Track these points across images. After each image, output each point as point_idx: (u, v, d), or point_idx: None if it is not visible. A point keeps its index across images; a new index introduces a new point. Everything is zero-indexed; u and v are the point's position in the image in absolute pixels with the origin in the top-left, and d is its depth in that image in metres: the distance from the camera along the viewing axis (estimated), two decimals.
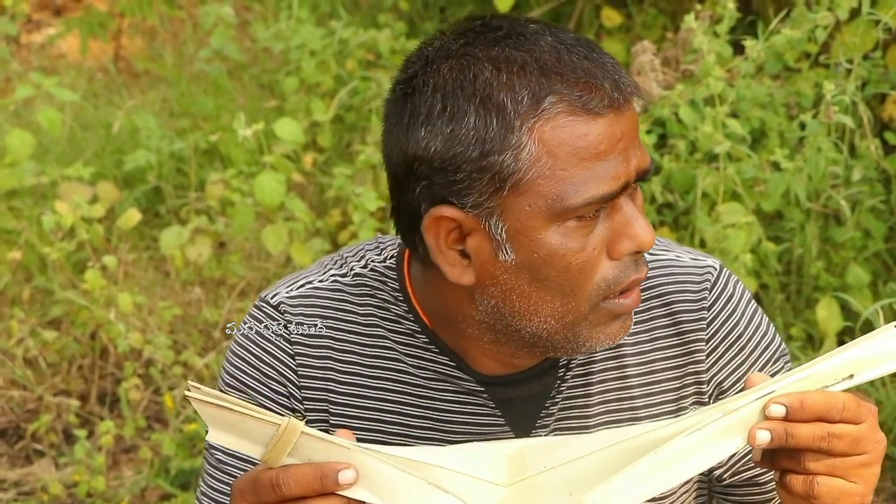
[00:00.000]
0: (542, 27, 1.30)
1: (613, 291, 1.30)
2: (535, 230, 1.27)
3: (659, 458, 1.17)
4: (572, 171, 1.25)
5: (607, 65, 1.27)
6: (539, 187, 1.25)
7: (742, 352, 1.47)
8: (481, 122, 1.25)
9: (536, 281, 1.29)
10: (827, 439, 1.18)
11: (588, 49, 1.28)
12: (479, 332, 1.36)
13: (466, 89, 1.25)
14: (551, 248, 1.27)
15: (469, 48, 1.28)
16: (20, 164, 3.36)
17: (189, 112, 4.05)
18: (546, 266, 1.28)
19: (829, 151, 2.73)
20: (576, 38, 1.29)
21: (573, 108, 1.24)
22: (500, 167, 1.25)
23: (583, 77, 1.25)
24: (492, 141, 1.25)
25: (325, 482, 1.17)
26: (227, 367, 1.48)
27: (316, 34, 3.73)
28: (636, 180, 1.29)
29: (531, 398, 1.44)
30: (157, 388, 3.15)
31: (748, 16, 3.33)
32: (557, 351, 1.34)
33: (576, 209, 1.25)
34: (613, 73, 1.27)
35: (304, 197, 3.57)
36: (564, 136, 1.24)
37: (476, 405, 1.43)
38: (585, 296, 1.29)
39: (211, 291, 3.42)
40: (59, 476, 2.98)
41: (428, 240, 1.31)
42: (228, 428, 1.18)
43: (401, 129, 1.30)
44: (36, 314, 3.37)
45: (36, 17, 5.27)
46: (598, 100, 1.25)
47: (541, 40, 1.27)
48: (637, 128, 1.30)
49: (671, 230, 2.98)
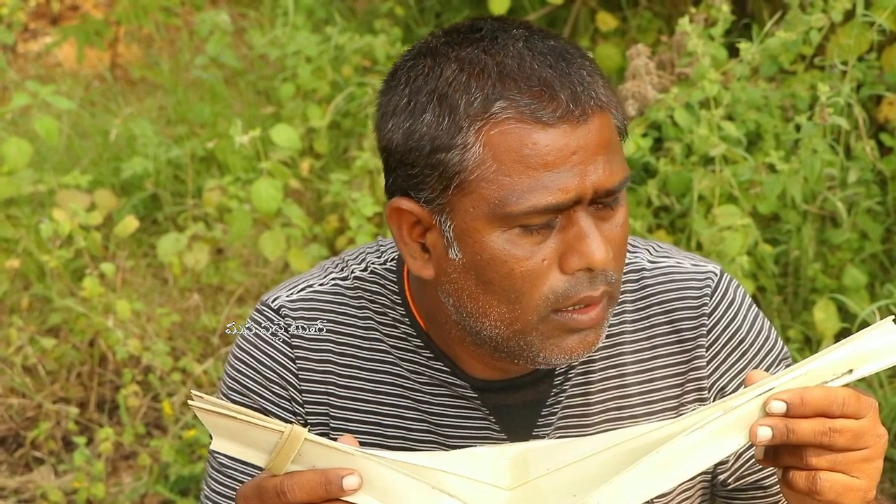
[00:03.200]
0: (523, 32, 1.30)
1: (564, 305, 1.29)
2: (478, 232, 1.28)
3: (661, 458, 1.18)
4: (516, 178, 1.25)
5: (574, 76, 1.26)
6: (482, 190, 1.26)
7: (744, 357, 1.47)
8: (434, 120, 1.27)
9: (482, 283, 1.30)
10: (828, 434, 1.18)
11: (558, 58, 1.27)
12: (459, 333, 1.37)
13: (430, 86, 1.28)
14: (494, 253, 1.27)
15: (446, 47, 1.30)
16: (18, 173, 3.35)
17: (186, 119, 4.06)
18: (489, 269, 1.28)
19: (825, 153, 2.74)
20: (554, 46, 1.28)
21: (522, 115, 1.24)
22: (447, 165, 1.27)
23: (537, 85, 1.25)
24: (441, 138, 1.26)
25: (330, 488, 1.17)
26: (229, 371, 1.49)
27: (312, 40, 3.73)
28: (598, 198, 1.27)
29: (525, 406, 1.44)
30: (155, 395, 3.16)
31: (743, 18, 3.34)
32: (516, 358, 1.34)
33: (517, 217, 1.26)
34: (577, 85, 1.26)
35: (302, 203, 3.57)
36: (511, 142, 1.25)
37: (469, 409, 1.44)
38: (532, 305, 1.29)
39: (209, 298, 3.42)
40: (58, 483, 2.98)
41: (392, 229, 1.34)
42: (232, 436, 1.18)
43: (379, 119, 1.34)
44: (35, 322, 3.38)
45: (32, 26, 5.27)
46: (551, 110, 1.25)
47: (511, 45, 1.27)
48: (605, 144, 1.27)
49: (667, 233, 2.99)
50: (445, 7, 4.22)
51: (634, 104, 2.90)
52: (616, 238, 1.30)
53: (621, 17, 3.86)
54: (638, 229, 2.81)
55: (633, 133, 2.86)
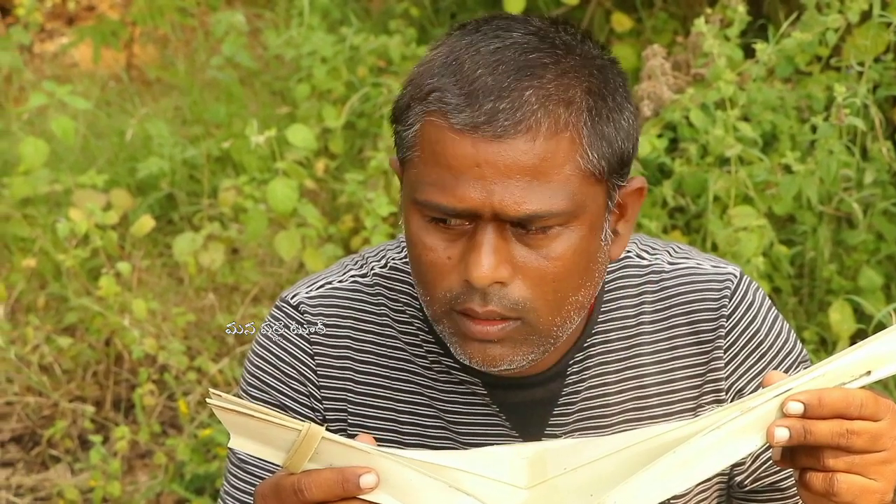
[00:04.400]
0: (515, 36, 1.28)
1: (457, 308, 1.30)
2: (407, 210, 1.32)
3: (678, 458, 1.18)
4: (427, 168, 1.28)
5: (514, 94, 1.24)
6: (410, 171, 1.31)
7: (763, 359, 1.46)
8: (401, 94, 1.32)
9: (411, 260, 1.33)
10: (846, 436, 1.18)
11: (518, 72, 1.25)
12: None
13: (420, 62, 1.33)
14: (411, 235, 1.31)
15: (454, 33, 1.33)
16: (34, 172, 3.37)
17: (201, 119, 4.07)
18: (410, 248, 1.32)
19: (841, 154, 2.73)
20: (533, 59, 1.26)
21: (443, 112, 1.26)
22: (399, 137, 1.32)
23: (467, 89, 1.25)
24: (400, 110, 1.32)
25: (347, 486, 1.18)
26: (249, 367, 1.49)
27: (327, 41, 3.74)
28: (506, 220, 1.26)
29: (535, 404, 1.44)
30: (171, 394, 3.17)
31: (758, 19, 3.34)
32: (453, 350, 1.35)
33: (420, 206, 1.28)
34: (507, 103, 1.24)
35: (317, 203, 3.58)
36: (431, 135, 1.27)
37: (480, 406, 1.44)
38: (436, 296, 1.31)
39: (224, 297, 3.43)
40: (74, 482, 3.00)
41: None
42: (250, 434, 1.18)
43: None
44: (51, 321, 3.39)
45: (49, 27, 5.29)
46: (465, 116, 1.25)
47: (486, 45, 1.28)
48: (527, 169, 1.24)
49: (683, 234, 2.98)
50: (461, 8, 4.23)
51: (650, 105, 2.90)
52: (539, 269, 1.28)
53: (636, 17, 3.86)
54: (653, 230, 2.81)
55: (648, 133, 2.86)
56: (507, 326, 1.30)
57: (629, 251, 1.47)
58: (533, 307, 1.29)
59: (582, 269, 1.30)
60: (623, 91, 1.32)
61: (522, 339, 1.31)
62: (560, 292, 1.30)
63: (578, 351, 1.44)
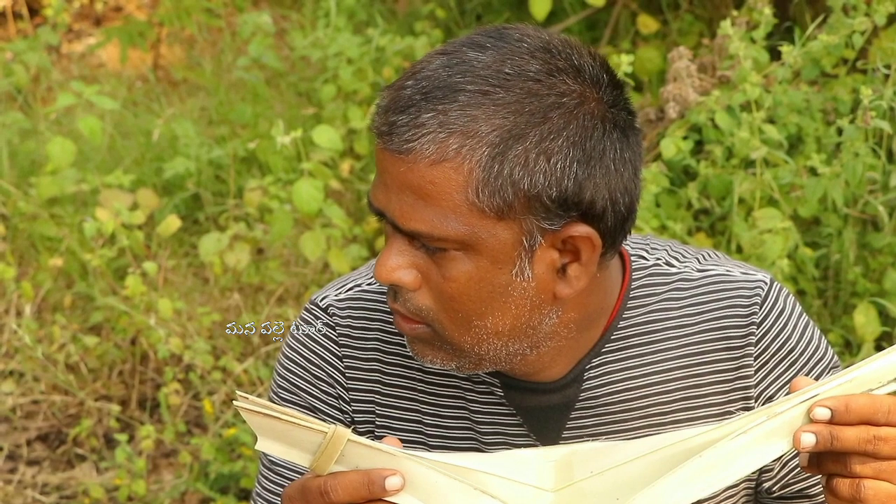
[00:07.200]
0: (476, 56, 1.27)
1: None
2: None
3: (704, 462, 1.18)
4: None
5: (421, 113, 1.24)
6: None
7: (793, 367, 1.45)
8: None
9: None
10: (873, 442, 1.18)
11: (444, 92, 1.24)
12: None
13: None
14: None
15: (445, 45, 1.33)
16: (61, 172, 3.39)
17: (227, 120, 4.08)
18: None
19: (867, 157, 2.72)
20: (450, 83, 1.25)
21: (376, 113, 1.29)
22: None
23: (390, 97, 1.27)
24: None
25: (373, 489, 1.18)
26: (279, 369, 1.51)
27: (353, 42, 3.75)
28: (399, 228, 1.28)
29: (551, 409, 1.44)
30: (196, 394, 3.18)
31: (785, 22, 3.33)
32: None
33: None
34: (403, 119, 1.25)
35: (342, 203, 3.59)
36: None
37: (499, 407, 1.44)
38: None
39: (249, 297, 3.44)
40: (100, 480, 3.01)
41: None
42: (276, 436, 1.19)
43: None
44: (77, 320, 3.41)
45: (76, 27, 5.32)
46: (378, 123, 1.28)
47: (439, 59, 1.28)
48: (413, 188, 1.25)
49: (707, 236, 2.98)
50: (486, 9, 4.23)
51: (675, 107, 2.90)
52: (438, 285, 1.29)
53: (662, 20, 3.85)
54: (678, 232, 2.81)
55: (673, 135, 2.86)
56: (418, 328, 1.34)
57: (658, 259, 1.47)
58: (437, 318, 1.32)
59: (484, 297, 1.30)
60: (578, 136, 1.25)
61: (438, 345, 1.34)
62: (461, 313, 1.31)
63: (595, 356, 1.43)
